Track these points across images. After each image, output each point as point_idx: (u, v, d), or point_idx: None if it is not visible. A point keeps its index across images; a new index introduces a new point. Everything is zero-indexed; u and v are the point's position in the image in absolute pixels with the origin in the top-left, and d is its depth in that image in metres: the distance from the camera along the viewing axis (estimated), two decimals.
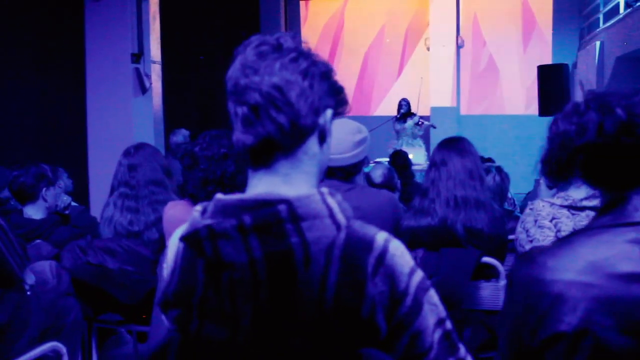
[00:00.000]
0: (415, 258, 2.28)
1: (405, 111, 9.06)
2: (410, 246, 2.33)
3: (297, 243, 0.93)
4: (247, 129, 0.99)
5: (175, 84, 7.40)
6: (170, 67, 7.08)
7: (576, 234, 1.09)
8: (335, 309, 0.92)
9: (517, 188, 5.82)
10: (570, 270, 1.02)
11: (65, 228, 3.08)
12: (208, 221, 0.96)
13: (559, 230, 2.25)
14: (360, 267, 0.94)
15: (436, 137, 7.46)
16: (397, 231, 2.38)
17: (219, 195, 1.01)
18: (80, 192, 5.66)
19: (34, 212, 3.09)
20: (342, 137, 2.30)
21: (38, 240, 2.93)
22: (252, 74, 0.99)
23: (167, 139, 6.38)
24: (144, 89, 6.33)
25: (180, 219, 1.58)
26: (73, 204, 4.29)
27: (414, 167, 6.44)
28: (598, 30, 8.50)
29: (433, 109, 10.13)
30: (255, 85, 0.98)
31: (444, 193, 2.32)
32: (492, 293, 2.47)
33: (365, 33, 11.06)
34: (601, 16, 8.50)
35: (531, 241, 2.30)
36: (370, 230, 0.99)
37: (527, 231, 2.34)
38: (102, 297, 2.70)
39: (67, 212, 3.75)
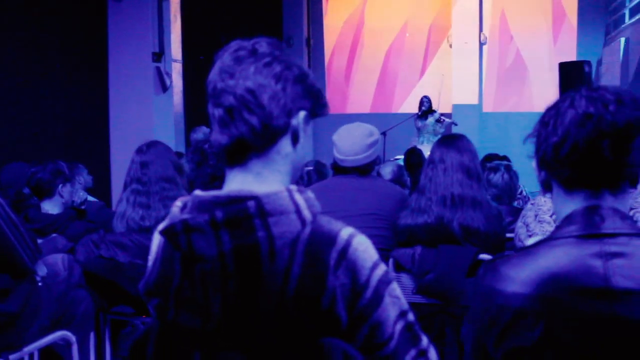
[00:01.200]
0: (413, 254, 2.33)
1: (426, 108, 9.03)
2: (409, 243, 2.36)
3: (264, 237, 0.98)
4: (222, 129, 1.05)
5: (196, 82, 7.49)
6: (190, 66, 7.19)
7: (540, 244, 1.07)
8: (296, 299, 0.97)
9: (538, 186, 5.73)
10: (531, 283, 1.01)
11: (80, 223, 3.18)
12: (185, 216, 1.02)
13: None
14: (322, 260, 0.99)
15: None
16: (395, 228, 2.42)
17: (197, 192, 1.07)
18: (102, 188, 5.81)
19: (51, 207, 3.20)
20: (356, 140, 2.51)
21: (54, 234, 3.03)
22: (228, 78, 1.05)
23: (188, 136, 6.49)
24: (164, 87, 6.45)
25: None
26: (92, 199, 4.40)
27: None
28: (623, 26, 8.36)
29: (455, 107, 10.05)
30: (230, 89, 1.04)
31: (441, 191, 2.33)
32: None
33: (387, 30, 10.99)
34: (627, 12, 8.35)
35: (530, 235, 2.31)
36: (335, 226, 1.03)
37: (527, 225, 2.36)
38: (114, 290, 2.78)
39: (83, 207, 3.86)
